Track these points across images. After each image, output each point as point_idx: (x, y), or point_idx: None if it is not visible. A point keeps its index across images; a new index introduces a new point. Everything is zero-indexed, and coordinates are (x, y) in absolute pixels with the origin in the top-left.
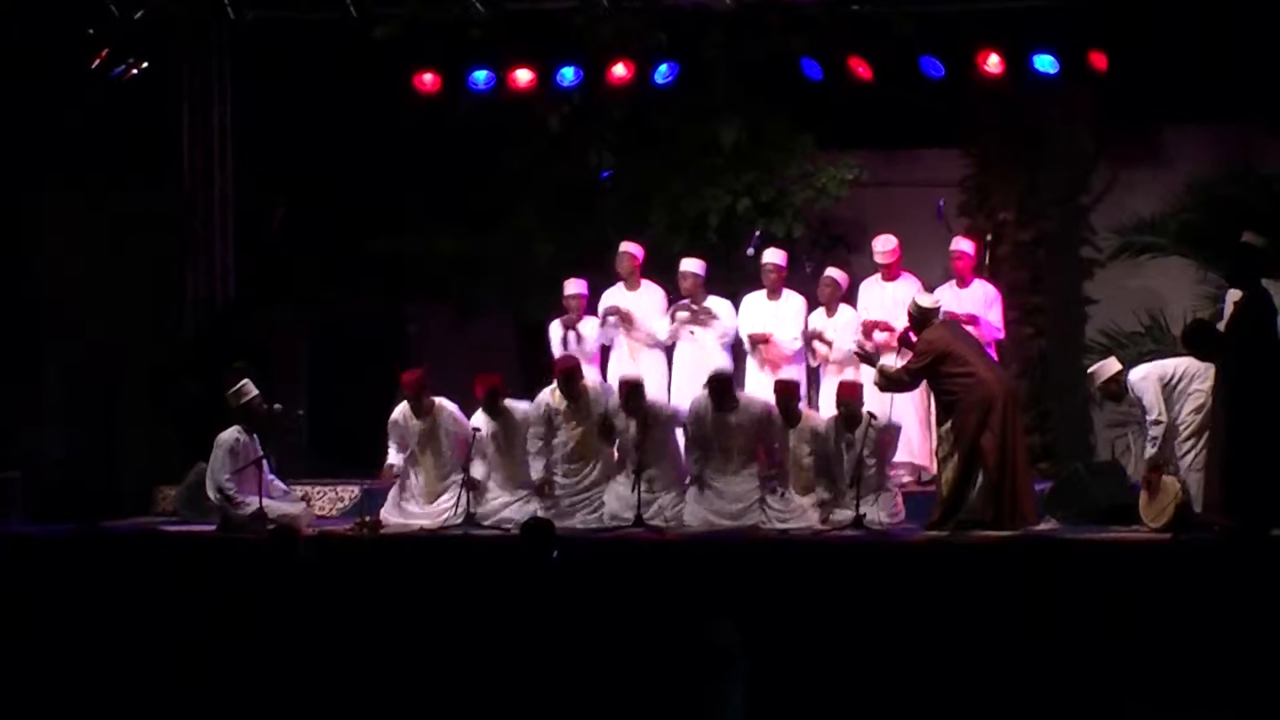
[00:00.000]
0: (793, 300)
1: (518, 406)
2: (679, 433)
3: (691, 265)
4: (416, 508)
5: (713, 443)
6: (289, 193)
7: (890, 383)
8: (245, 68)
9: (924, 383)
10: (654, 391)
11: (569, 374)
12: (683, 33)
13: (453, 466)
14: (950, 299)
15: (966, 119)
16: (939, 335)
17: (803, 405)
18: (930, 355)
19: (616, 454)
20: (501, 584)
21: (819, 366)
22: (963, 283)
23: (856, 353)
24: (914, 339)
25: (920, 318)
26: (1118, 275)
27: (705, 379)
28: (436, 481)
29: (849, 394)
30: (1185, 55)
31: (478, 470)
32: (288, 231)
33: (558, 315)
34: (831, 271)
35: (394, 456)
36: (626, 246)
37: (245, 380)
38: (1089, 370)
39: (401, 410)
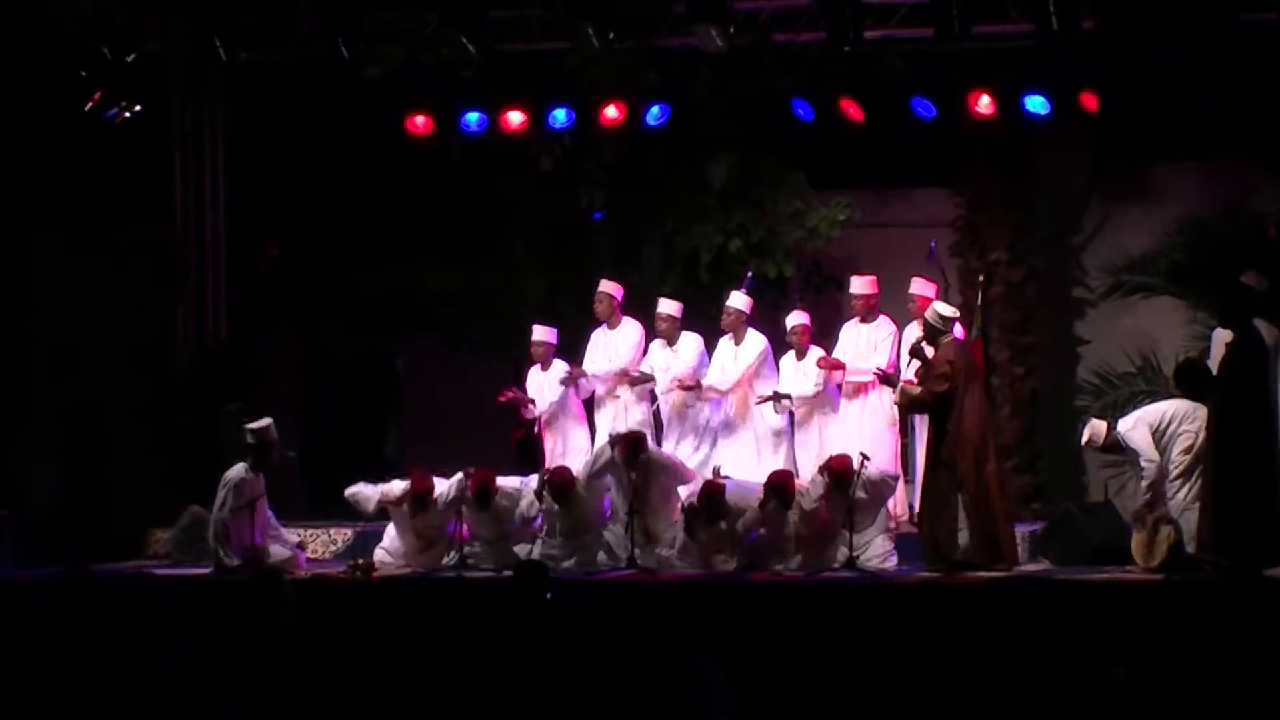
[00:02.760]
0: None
1: (506, 488)
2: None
3: (667, 307)
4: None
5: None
6: (281, 232)
7: (913, 403)
8: (238, 108)
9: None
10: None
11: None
12: (674, 74)
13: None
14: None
15: (958, 159)
16: (957, 356)
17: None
18: (954, 377)
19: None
20: (494, 625)
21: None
22: None
23: (875, 372)
24: (926, 349)
25: (938, 328)
26: (1109, 315)
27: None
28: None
29: (839, 465)
30: (1175, 95)
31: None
32: (280, 270)
33: (524, 362)
34: (800, 317)
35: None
36: (605, 286)
37: (269, 420)
38: (1083, 441)
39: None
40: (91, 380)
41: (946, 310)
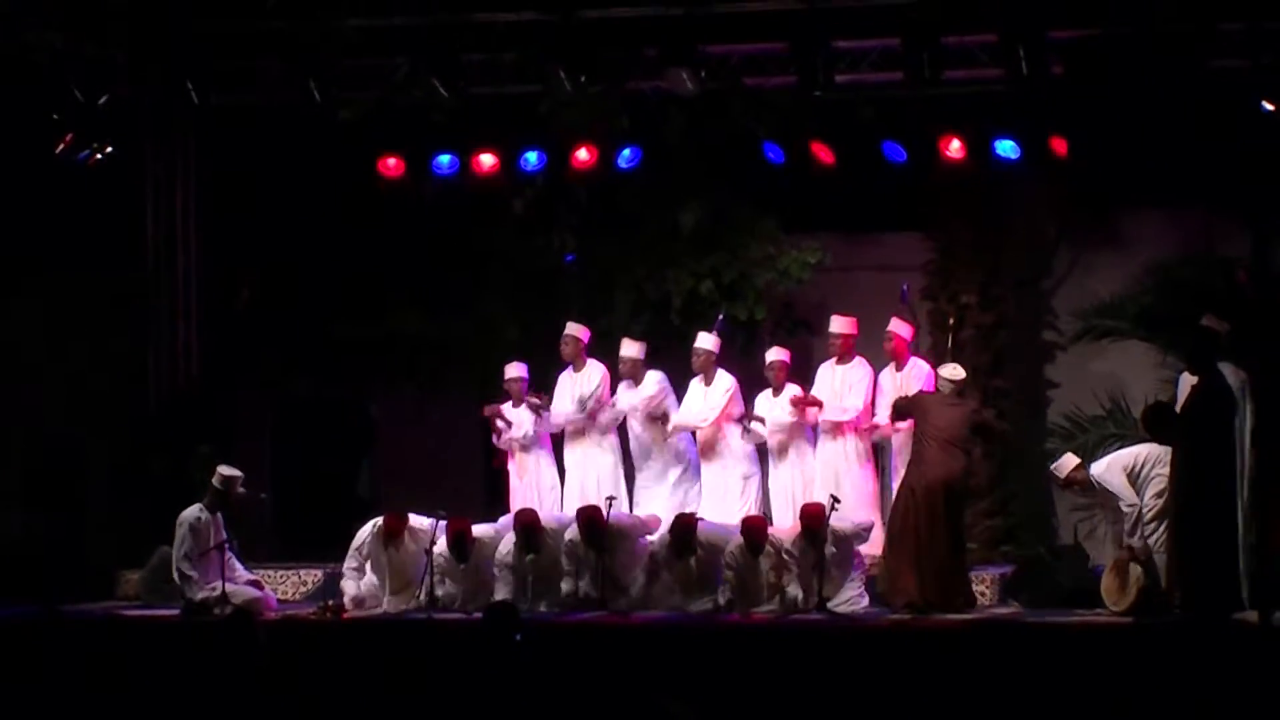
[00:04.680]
0: (723, 379)
1: (483, 537)
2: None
3: (629, 349)
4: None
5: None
6: (253, 274)
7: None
8: (209, 151)
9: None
10: (610, 479)
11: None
12: (645, 117)
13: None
14: (888, 381)
15: (928, 204)
16: (922, 398)
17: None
18: (914, 403)
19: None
20: (465, 667)
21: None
22: (899, 365)
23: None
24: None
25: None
26: (1079, 358)
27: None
28: (397, 593)
29: (811, 517)
30: (1144, 141)
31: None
32: (252, 313)
33: (501, 400)
34: (779, 353)
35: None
36: (571, 329)
37: (239, 473)
38: (1051, 468)
39: (373, 537)
40: (62, 422)
41: (952, 374)
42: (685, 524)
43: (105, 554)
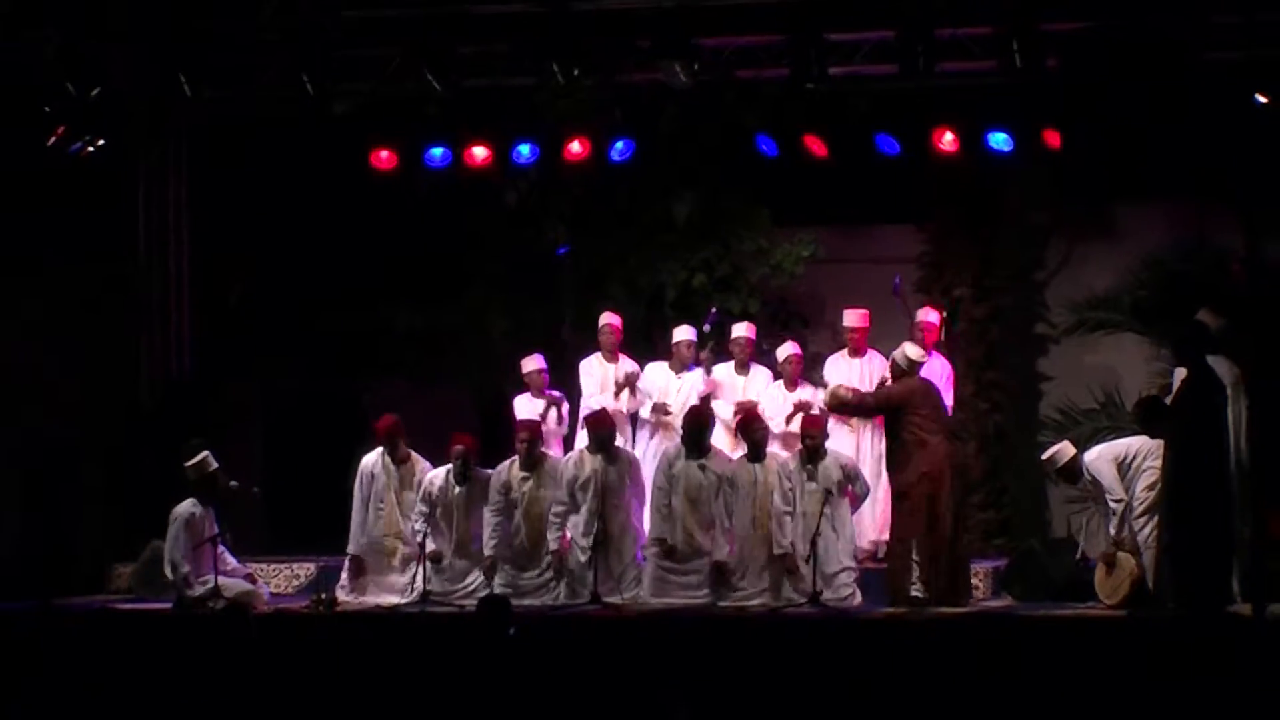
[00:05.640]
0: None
1: (484, 473)
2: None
3: (684, 333)
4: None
5: (677, 509)
6: (246, 268)
7: (838, 404)
8: (202, 144)
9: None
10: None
11: (531, 440)
12: (639, 109)
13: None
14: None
15: (922, 196)
16: (909, 385)
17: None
18: (893, 397)
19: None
20: (458, 661)
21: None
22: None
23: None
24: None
25: (904, 369)
26: (1073, 351)
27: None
28: (394, 536)
29: (812, 426)
30: (1138, 133)
31: (433, 545)
32: (245, 307)
33: (520, 391)
34: (792, 347)
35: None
36: (609, 318)
37: (206, 453)
38: (1043, 457)
39: (373, 459)
40: (54, 415)
41: (914, 353)
42: (698, 414)
43: (97, 548)
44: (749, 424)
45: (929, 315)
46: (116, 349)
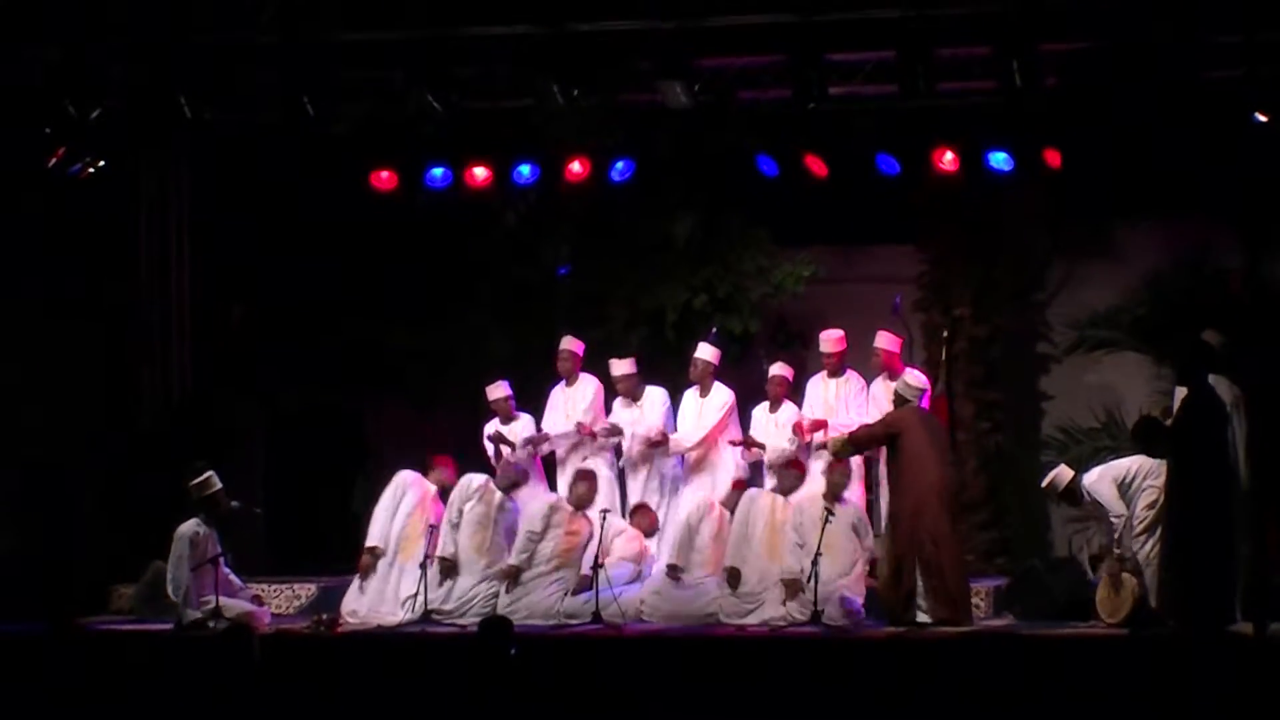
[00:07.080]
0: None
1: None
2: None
3: (619, 368)
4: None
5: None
6: (247, 289)
7: (848, 450)
8: (203, 164)
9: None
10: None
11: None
12: (639, 130)
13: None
14: (881, 391)
15: (922, 215)
16: (903, 415)
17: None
18: (888, 428)
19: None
20: (459, 681)
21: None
22: (893, 375)
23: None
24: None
25: (906, 398)
26: (1073, 370)
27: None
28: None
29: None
30: (1138, 152)
31: (448, 549)
32: (246, 327)
33: (487, 419)
34: (782, 369)
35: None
36: (566, 344)
37: (211, 473)
38: (1043, 484)
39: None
40: (55, 435)
41: (916, 381)
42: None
43: (99, 568)
44: (788, 469)
45: (884, 341)
46: (117, 367)
